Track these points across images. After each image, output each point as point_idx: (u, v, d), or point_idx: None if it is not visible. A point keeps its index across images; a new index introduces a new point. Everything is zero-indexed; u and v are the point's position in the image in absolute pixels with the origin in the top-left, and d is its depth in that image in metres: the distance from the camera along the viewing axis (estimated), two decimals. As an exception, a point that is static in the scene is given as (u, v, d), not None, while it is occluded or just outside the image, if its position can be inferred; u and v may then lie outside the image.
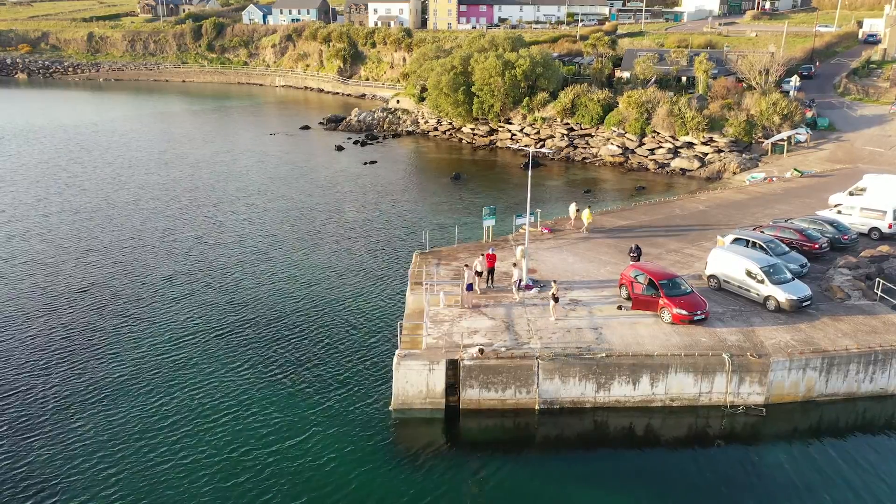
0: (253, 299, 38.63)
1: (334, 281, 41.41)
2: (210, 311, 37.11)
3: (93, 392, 29.12)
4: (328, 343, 33.46)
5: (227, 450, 25.26)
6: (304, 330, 34.85)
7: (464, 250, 39.52)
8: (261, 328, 35.05)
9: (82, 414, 27.50)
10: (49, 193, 60.66)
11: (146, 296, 39.01)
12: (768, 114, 69.42)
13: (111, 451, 25.19)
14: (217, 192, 62.33)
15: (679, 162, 69.20)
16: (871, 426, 28.04)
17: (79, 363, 31.49)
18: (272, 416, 27.32)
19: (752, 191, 54.88)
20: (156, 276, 42.04)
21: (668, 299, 30.55)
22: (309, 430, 26.44)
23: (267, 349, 32.82)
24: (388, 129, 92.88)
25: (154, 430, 26.42)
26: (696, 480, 23.88)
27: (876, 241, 41.34)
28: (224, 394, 28.97)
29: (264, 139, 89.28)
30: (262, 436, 26.11)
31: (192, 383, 29.79)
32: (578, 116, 76.79)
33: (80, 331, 34.69)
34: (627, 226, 44.48)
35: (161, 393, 29.03)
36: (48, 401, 28.38)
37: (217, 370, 30.90)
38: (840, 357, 28.33)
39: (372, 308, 37.49)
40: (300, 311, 37.17)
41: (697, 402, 27.99)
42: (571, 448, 25.23)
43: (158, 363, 31.49)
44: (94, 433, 26.26)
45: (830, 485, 23.91)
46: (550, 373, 27.42)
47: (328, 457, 24.87)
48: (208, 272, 42.75)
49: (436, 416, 27.18)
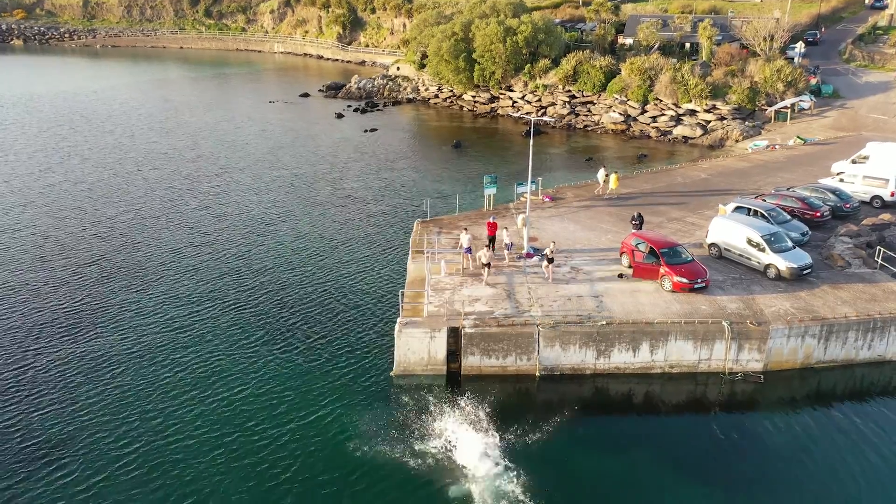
0: (254, 268, 38.75)
1: (335, 249, 41.48)
2: (212, 278, 37.24)
3: (98, 362, 29.39)
4: (329, 311, 33.64)
5: (227, 415, 25.57)
6: (306, 298, 35.02)
7: (465, 219, 39.52)
8: (262, 296, 35.21)
9: (88, 385, 27.78)
10: (51, 163, 60.39)
11: (150, 266, 39.13)
12: (772, 81, 68.77)
13: (118, 419, 25.51)
14: (219, 161, 62.09)
15: (681, 129, 68.78)
16: (868, 392, 28.33)
17: (83, 336, 31.71)
18: (273, 383, 27.60)
19: (754, 159, 54.65)
20: (158, 245, 42.11)
21: (668, 267, 30.64)
22: (310, 396, 26.73)
23: (268, 317, 33.01)
24: (388, 97, 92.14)
25: (157, 396, 26.72)
26: (693, 445, 24.22)
27: (878, 209, 41.29)
28: (225, 360, 29.23)
29: (264, 107, 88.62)
30: (263, 401, 26.40)
31: (195, 351, 30.04)
32: (580, 83, 76.13)
33: (83, 303, 34.87)
34: (629, 194, 44.39)
35: (164, 359, 29.28)
36: (53, 374, 28.63)
37: (219, 337, 31.12)
38: (839, 324, 28.51)
39: (373, 276, 37.62)
40: (302, 279, 37.30)
41: (696, 368, 28.25)
42: (571, 413, 25.52)
43: (160, 330, 31.70)
44: (100, 401, 26.58)
45: (827, 449, 24.25)
46: (551, 340, 27.63)
47: (328, 422, 25.18)
48: (210, 240, 42.81)
49: (437, 382, 27.49)
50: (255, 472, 22.78)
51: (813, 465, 23.48)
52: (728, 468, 23.11)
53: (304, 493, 21.82)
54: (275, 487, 22.09)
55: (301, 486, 22.11)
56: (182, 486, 22.15)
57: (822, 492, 22.31)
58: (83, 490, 22.04)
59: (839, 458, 23.84)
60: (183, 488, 22.08)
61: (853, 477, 22.93)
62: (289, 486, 22.09)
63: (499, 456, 23.10)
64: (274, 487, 22.09)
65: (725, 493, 22.12)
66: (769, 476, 22.89)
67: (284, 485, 22.18)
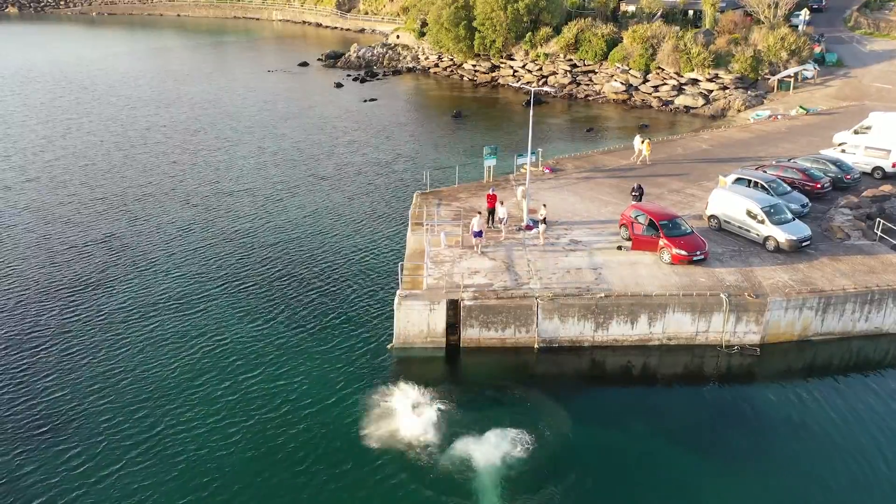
0: (254, 240, 38.80)
1: (334, 221, 41.47)
2: (211, 251, 37.32)
3: (99, 337, 29.61)
4: (329, 283, 33.76)
5: (226, 387, 25.82)
6: (305, 270, 35.12)
7: (464, 190, 39.44)
8: (263, 269, 35.31)
9: (91, 360, 28.02)
10: (54, 135, 60.05)
11: (150, 240, 39.23)
12: (776, 49, 68.01)
13: (119, 393, 25.80)
14: (219, 133, 61.80)
15: (683, 99, 68.21)
16: (864, 364, 28.54)
17: (84, 312, 31.88)
18: (274, 355, 27.82)
19: (756, 129, 54.28)
20: (158, 220, 42.16)
21: (667, 240, 30.65)
22: (310, 367, 26.97)
23: (269, 289, 33.15)
24: (387, 66, 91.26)
25: (158, 368, 26.97)
26: (690, 416, 24.47)
27: (879, 180, 41.14)
28: (225, 333, 29.42)
29: (263, 76, 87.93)
30: (263, 374, 26.64)
31: (195, 324, 30.22)
32: (582, 52, 75.33)
33: (85, 279, 35.00)
34: (629, 165, 44.20)
35: (162, 332, 29.48)
36: (56, 349, 28.87)
37: (219, 311, 31.29)
38: (837, 297, 28.61)
39: (373, 248, 37.67)
40: (301, 251, 37.37)
41: (694, 341, 28.43)
42: (569, 384, 25.77)
43: (160, 302, 31.86)
44: (102, 376, 26.85)
45: (822, 421, 24.50)
46: (550, 312, 27.77)
47: (328, 393, 25.42)
48: (209, 213, 42.82)
49: (436, 354, 27.70)
50: (253, 441, 23.06)
51: (808, 437, 23.73)
52: (724, 440, 23.38)
53: (301, 463, 22.08)
54: (271, 457, 22.35)
55: (298, 456, 22.35)
56: (181, 457, 22.45)
57: (818, 463, 22.58)
58: (83, 466, 22.31)
59: (835, 429, 24.09)
60: (182, 459, 22.38)
61: (848, 448, 23.19)
62: (285, 457, 22.34)
63: (497, 427, 23.37)
64: (270, 457, 22.35)
65: (721, 464, 22.42)
66: (764, 447, 23.16)
67: (281, 455, 22.44)
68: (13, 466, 22.20)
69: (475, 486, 21.17)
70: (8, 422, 24.13)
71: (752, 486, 21.60)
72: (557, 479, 21.50)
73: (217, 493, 21.07)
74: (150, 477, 21.65)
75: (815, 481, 21.82)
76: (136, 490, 21.15)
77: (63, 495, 21.03)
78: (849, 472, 22.19)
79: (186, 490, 21.15)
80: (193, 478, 21.60)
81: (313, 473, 21.79)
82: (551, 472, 21.77)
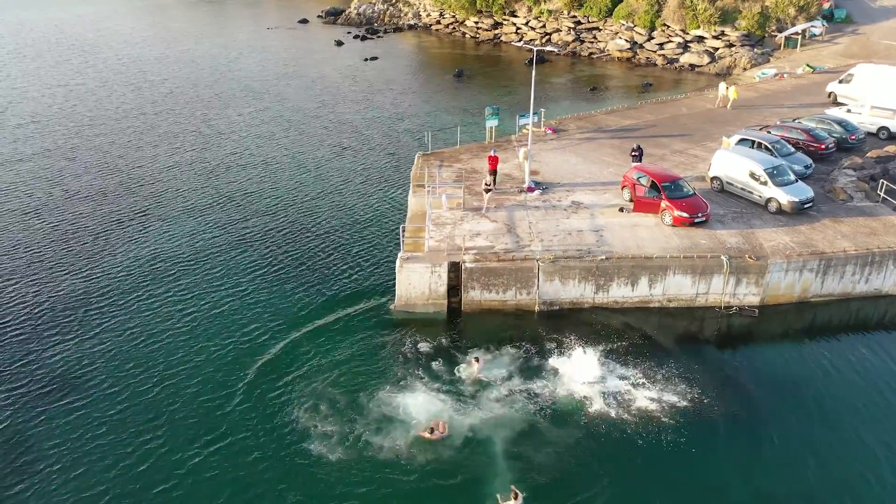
0: (254, 203, 38.80)
1: (335, 182, 41.39)
2: (212, 214, 37.36)
3: (102, 301, 29.87)
4: (331, 245, 33.87)
5: (230, 348, 26.14)
6: (306, 233, 35.20)
7: (466, 151, 39.24)
8: (264, 231, 35.39)
9: (94, 323, 28.32)
10: (56, 101, 59.39)
11: (152, 203, 39.25)
12: (783, 5, 66.75)
13: (124, 354, 26.16)
14: (220, 95, 61.16)
15: (688, 57, 67.25)
16: (863, 325, 28.77)
17: (80, 272, 32.10)
18: (276, 318, 28.07)
19: (761, 88, 53.60)
20: (159, 184, 42.12)
21: (669, 201, 30.58)
22: (312, 328, 27.24)
23: (270, 251, 33.28)
24: (388, 23, 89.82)
25: (161, 329, 27.29)
26: (689, 378, 24.74)
27: (884, 140, 40.81)
28: (228, 295, 29.66)
29: (263, 33, 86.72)
30: (265, 335, 26.92)
31: (199, 287, 30.44)
32: (586, 9, 73.97)
33: (80, 239, 35.14)
34: (632, 125, 43.85)
35: (165, 293, 29.74)
36: (61, 311, 29.16)
37: (221, 273, 31.47)
38: (837, 259, 28.67)
39: (374, 210, 37.67)
40: (302, 213, 37.39)
41: (694, 303, 28.61)
42: (569, 346, 26.00)
43: (162, 266, 32.06)
44: (106, 337, 27.19)
45: (821, 382, 24.82)
46: (550, 275, 27.90)
47: (329, 353, 25.71)
48: (209, 176, 42.74)
49: (438, 316, 27.91)
50: (254, 399, 23.44)
51: (807, 397, 24.04)
52: (723, 401, 23.63)
53: (303, 420, 22.47)
54: (273, 417, 22.72)
55: (299, 416, 22.70)
56: (183, 415, 22.89)
57: (816, 423, 22.92)
58: (87, 427, 22.76)
59: (833, 390, 24.41)
60: (184, 417, 22.81)
61: (847, 408, 23.53)
62: (287, 417, 22.69)
63: (496, 389, 23.71)
64: (272, 417, 22.72)
65: (720, 425, 22.72)
66: (763, 408, 23.50)
67: (282, 414, 22.79)
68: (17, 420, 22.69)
69: (474, 447, 21.55)
70: (14, 380, 24.59)
71: (750, 446, 21.97)
72: (557, 441, 21.87)
73: (222, 451, 21.51)
74: (156, 440, 22.10)
75: (813, 440, 22.19)
76: (142, 456, 21.63)
77: (73, 460, 21.52)
78: (846, 431, 22.55)
79: (189, 454, 21.60)
80: (197, 437, 22.02)
81: (309, 432, 22.16)
82: (551, 432, 22.14)
